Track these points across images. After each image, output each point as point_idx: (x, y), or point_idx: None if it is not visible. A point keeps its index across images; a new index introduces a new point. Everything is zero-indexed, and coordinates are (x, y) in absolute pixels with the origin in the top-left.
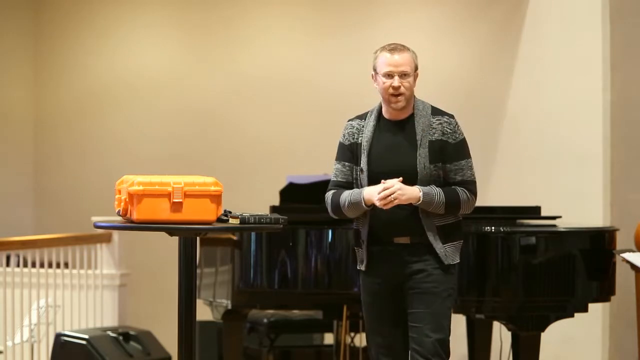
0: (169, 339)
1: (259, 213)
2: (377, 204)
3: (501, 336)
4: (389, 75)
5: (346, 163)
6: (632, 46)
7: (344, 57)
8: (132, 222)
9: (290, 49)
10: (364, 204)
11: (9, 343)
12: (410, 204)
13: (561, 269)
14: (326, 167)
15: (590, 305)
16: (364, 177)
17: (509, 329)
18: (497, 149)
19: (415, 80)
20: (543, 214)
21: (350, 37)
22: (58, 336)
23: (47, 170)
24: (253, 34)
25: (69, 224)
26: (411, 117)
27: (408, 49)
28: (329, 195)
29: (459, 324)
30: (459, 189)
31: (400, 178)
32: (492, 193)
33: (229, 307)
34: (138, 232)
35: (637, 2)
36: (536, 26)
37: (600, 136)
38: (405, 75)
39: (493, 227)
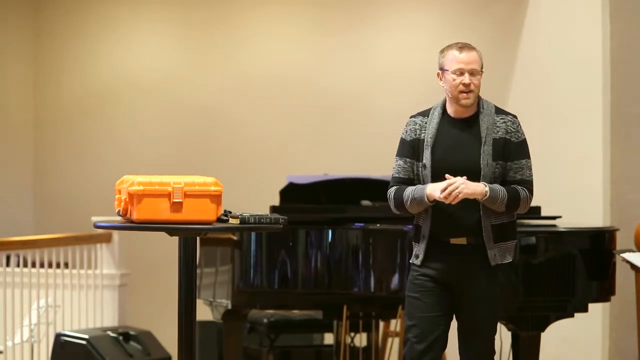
0: (169, 339)
1: (259, 213)
2: (440, 198)
3: (501, 336)
4: (460, 73)
5: (407, 159)
6: (632, 46)
7: (344, 57)
8: (132, 222)
9: (291, 49)
10: (426, 200)
11: (9, 343)
12: (476, 204)
13: (561, 269)
14: (326, 166)
15: (590, 305)
16: (426, 172)
17: (509, 329)
18: None
19: (480, 78)
20: (543, 214)
21: (350, 37)
22: (58, 336)
23: (47, 170)
24: (253, 33)
25: (69, 224)
26: (476, 115)
27: (475, 48)
28: (391, 191)
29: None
30: (519, 188)
31: (465, 177)
32: None
33: (229, 307)
34: (138, 232)
35: (637, 1)
36: (536, 26)
37: (600, 136)
38: (474, 72)
39: None
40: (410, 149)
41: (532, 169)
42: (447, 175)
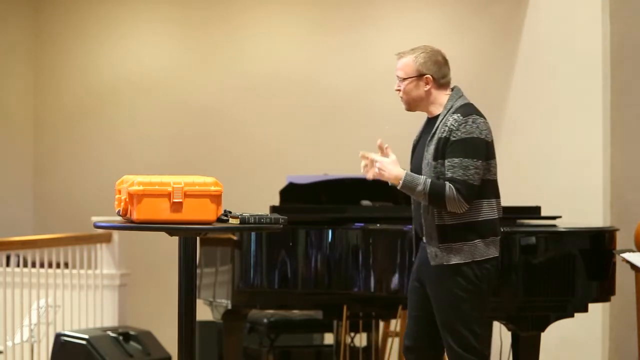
0: (169, 339)
1: (259, 213)
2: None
3: (501, 336)
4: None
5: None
6: (632, 46)
7: (344, 57)
8: (132, 222)
9: (291, 48)
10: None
11: (9, 343)
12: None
13: (561, 269)
14: (326, 166)
15: (590, 305)
16: None
17: (509, 329)
18: (497, 149)
19: (416, 84)
20: (543, 214)
21: (350, 37)
22: (58, 336)
23: (47, 170)
24: (254, 33)
25: (69, 224)
26: (437, 116)
27: (411, 53)
28: None
29: None
30: (447, 185)
31: (394, 157)
32: None
33: (229, 307)
34: (138, 232)
35: (637, 1)
36: (536, 26)
37: (600, 136)
38: (400, 79)
39: None
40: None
41: (470, 169)
42: (361, 153)
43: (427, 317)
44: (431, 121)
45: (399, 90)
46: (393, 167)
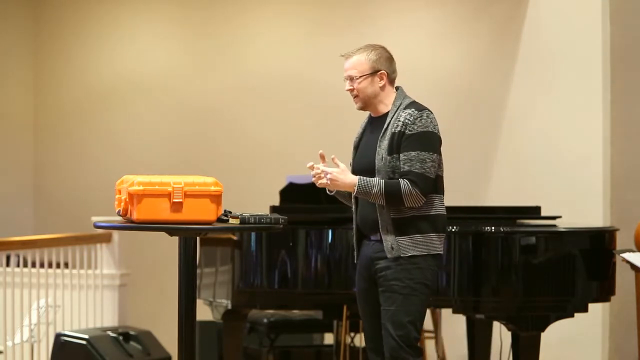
0: (169, 339)
1: (259, 213)
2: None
3: (501, 336)
4: (345, 79)
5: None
6: (632, 46)
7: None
8: (132, 222)
9: (291, 49)
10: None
11: (9, 343)
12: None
13: (561, 269)
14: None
15: (590, 305)
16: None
17: (509, 329)
18: (497, 149)
19: (370, 80)
20: (543, 214)
21: (350, 37)
22: (58, 336)
23: (47, 170)
24: (253, 33)
25: (69, 224)
26: (387, 113)
27: (362, 51)
28: None
29: (459, 324)
30: (402, 181)
31: (343, 167)
32: (492, 193)
33: (229, 307)
34: (138, 232)
35: (637, 2)
36: (536, 26)
37: (600, 136)
38: (352, 78)
39: (493, 227)
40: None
41: (427, 163)
42: (308, 164)
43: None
44: (376, 120)
45: (351, 89)
46: (345, 176)
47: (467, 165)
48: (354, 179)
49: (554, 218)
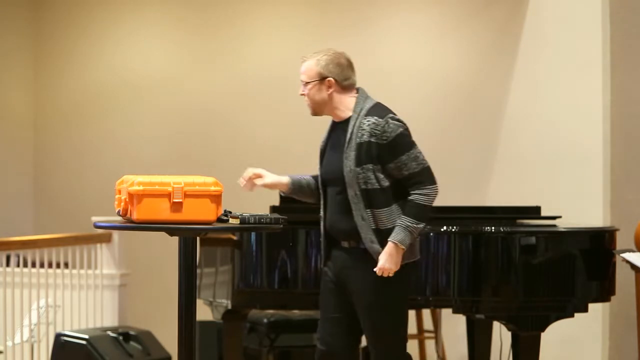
0: (169, 339)
1: (259, 213)
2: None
3: (501, 336)
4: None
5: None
6: (632, 46)
7: None
8: (132, 222)
9: (291, 50)
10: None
11: (9, 343)
12: (347, 205)
13: (561, 269)
14: None
15: (590, 305)
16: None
17: (509, 329)
18: (497, 149)
19: (318, 87)
20: (543, 214)
21: (350, 37)
22: (58, 336)
23: (47, 170)
24: (253, 33)
25: (69, 224)
26: (349, 119)
27: (315, 56)
28: None
29: (459, 324)
30: (413, 196)
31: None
32: (492, 193)
33: (229, 307)
34: (138, 232)
35: (637, 2)
36: (536, 26)
37: (600, 136)
38: (305, 83)
39: (493, 227)
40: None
41: (418, 156)
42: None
43: (347, 319)
44: (339, 125)
45: (304, 94)
46: (388, 257)
47: (467, 165)
48: (393, 247)
49: (554, 218)
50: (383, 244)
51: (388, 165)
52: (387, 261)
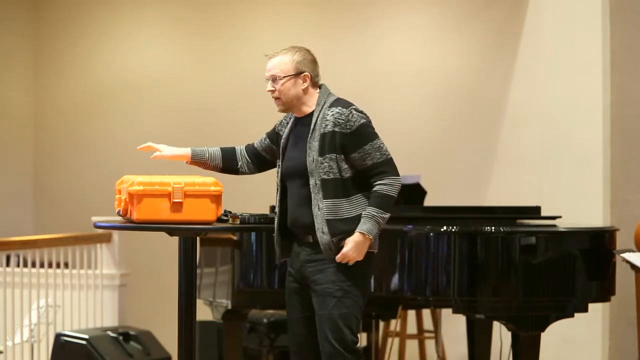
0: (169, 339)
1: (259, 213)
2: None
3: (501, 336)
4: (266, 80)
5: (266, 138)
6: (632, 46)
7: (344, 57)
8: (132, 222)
9: None
10: None
11: (9, 343)
12: (308, 198)
13: (561, 269)
14: None
15: (590, 305)
16: (278, 171)
17: (509, 329)
18: (497, 149)
19: (294, 82)
20: (543, 214)
21: (351, 38)
22: (58, 336)
23: (47, 171)
24: (252, 34)
25: (69, 224)
26: (312, 113)
27: (286, 52)
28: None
29: (459, 324)
30: (377, 187)
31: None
32: (492, 193)
33: (229, 307)
34: (138, 232)
35: (637, 2)
36: (536, 26)
37: (600, 136)
38: (275, 78)
39: (493, 227)
40: (273, 134)
41: (382, 147)
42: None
43: (315, 317)
44: (300, 120)
45: (273, 90)
46: (354, 246)
47: (467, 165)
48: (360, 237)
49: (553, 218)
50: (334, 235)
51: (351, 155)
52: (352, 249)
